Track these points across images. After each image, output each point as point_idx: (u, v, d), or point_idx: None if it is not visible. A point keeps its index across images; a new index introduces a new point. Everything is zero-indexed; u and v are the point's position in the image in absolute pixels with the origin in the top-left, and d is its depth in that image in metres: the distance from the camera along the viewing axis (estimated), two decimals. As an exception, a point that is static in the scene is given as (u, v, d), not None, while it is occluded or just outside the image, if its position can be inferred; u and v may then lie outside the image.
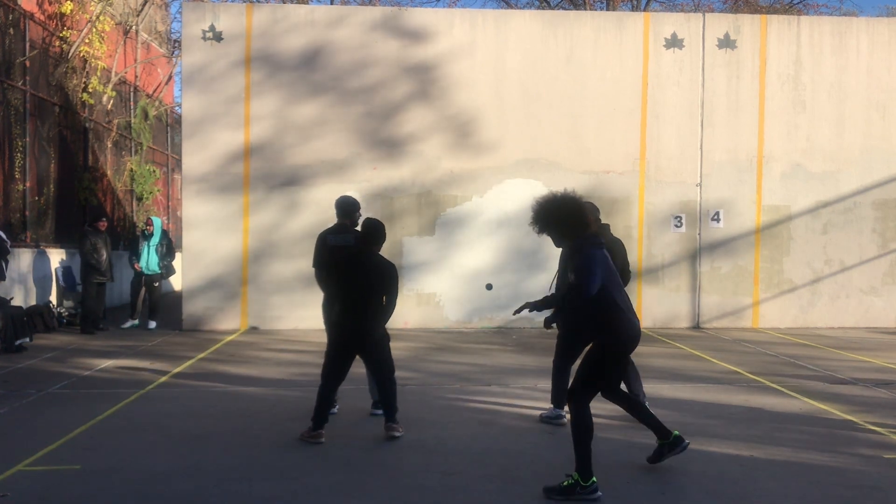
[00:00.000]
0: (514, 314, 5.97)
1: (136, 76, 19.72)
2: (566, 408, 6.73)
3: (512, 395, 8.14)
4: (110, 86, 17.07)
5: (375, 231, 6.45)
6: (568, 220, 5.22)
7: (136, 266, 13.51)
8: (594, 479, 4.98)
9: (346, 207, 7.33)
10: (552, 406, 6.99)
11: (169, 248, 13.68)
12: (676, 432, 5.66)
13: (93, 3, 15.70)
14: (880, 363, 10.40)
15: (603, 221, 7.18)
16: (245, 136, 13.39)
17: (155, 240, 13.50)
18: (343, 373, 6.45)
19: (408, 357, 10.52)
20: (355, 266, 6.39)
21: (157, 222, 13.83)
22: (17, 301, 11.98)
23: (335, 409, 7.20)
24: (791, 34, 14.22)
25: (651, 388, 8.47)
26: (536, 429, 6.77)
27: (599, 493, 4.95)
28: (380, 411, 7.05)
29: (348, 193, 13.44)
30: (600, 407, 7.35)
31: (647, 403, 6.85)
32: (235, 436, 6.45)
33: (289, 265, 13.33)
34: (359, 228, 7.28)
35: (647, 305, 13.79)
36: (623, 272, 6.70)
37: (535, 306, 5.34)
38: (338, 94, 13.53)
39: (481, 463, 5.78)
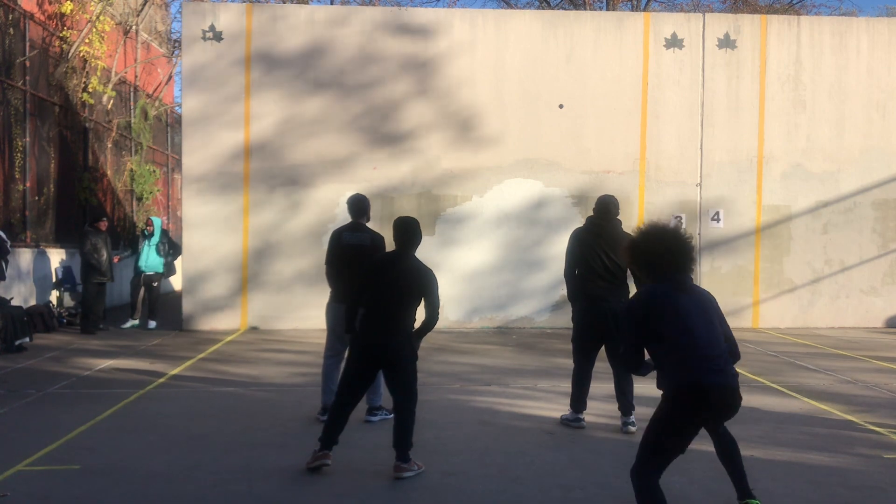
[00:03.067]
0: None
1: (136, 76, 19.71)
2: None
3: (512, 395, 8.14)
4: (110, 86, 17.07)
5: (412, 230, 5.75)
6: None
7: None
8: None
9: (359, 206, 7.18)
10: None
11: (171, 245, 13.67)
12: None
13: (93, 3, 15.69)
14: (880, 363, 10.40)
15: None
16: (245, 135, 13.39)
17: (155, 239, 13.50)
18: (362, 391, 5.70)
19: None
20: (387, 271, 5.63)
21: (157, 222, 13.83)
22: (17, 301, 11.97)
23: (324, 417, 7.00)
24: (791, 34, 14.22)
25: (652, 388, 8.48)
26: (536, 428, 6.77)
27: None
28: (375, 418, 6.99)
29: (350, 192, 13.50)
30: (600, 407, 7.36)
31: (631, 416, 6.79)
32: (235, 436, 6.45)
33: (289, 265, 13.34)
34: (370, 226, 7.22)
35: (647, 305, 13.77)
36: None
37: None
38: (338, 96, 13.52)
39: (481, 463, 5.78)
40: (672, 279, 4.41)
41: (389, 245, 7.35)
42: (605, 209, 6.93)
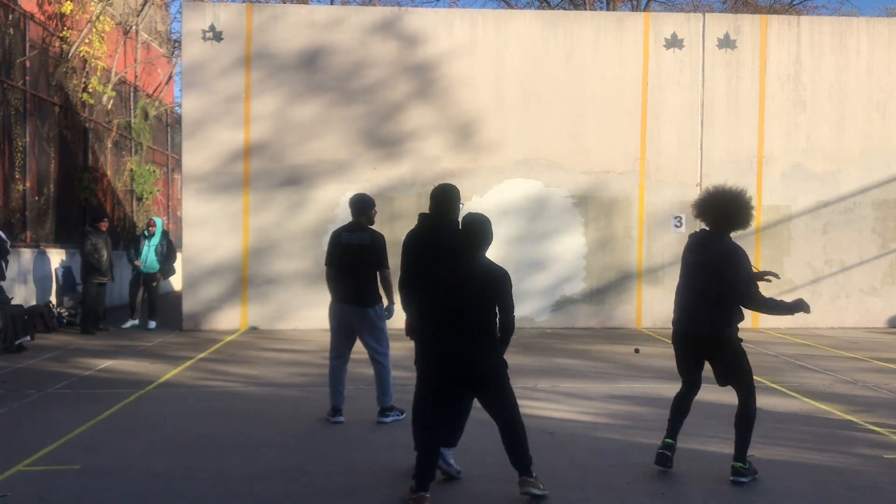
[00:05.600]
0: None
1: (136, 76, 19.71)
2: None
3: (512, 395, 8.12)
4: (110, 86, 17.06)
5: (482, 229, 5.45)
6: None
7: (136, 262, 13.46)
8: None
9: (361, 205, 7.05)
10: None
11: (169, 248, 13.65)
12: None
13: (93, 3, 15.69)
14: (880, 363, 10.40)
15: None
16: (245, 135, 13.39)
17: (155, 240, 13.49)
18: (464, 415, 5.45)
19: (408, 357, 10.49)
20: (456, 274, 5.31)
21: (159, 223, 13.82)
22: (17, 301, 11.97)
23: (341, 419, 6.90)
24: (791, 34, 14.22)
25: (652, 388, 8.50)
26: (536, 429, 6.76)
27: None
28: (388, 419, 6.92)
29: (350, 192, 13.50)
30: (600, 407, 7.36)
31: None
32: (235, 436, 6.45)
33: (289, 265, 13.33)
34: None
35: (647, 305, 13.78)
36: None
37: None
38: (338, 94, 13.52)
39: (481, 463, 5.79)
40: (709, 233, 5.52)
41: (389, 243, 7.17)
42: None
